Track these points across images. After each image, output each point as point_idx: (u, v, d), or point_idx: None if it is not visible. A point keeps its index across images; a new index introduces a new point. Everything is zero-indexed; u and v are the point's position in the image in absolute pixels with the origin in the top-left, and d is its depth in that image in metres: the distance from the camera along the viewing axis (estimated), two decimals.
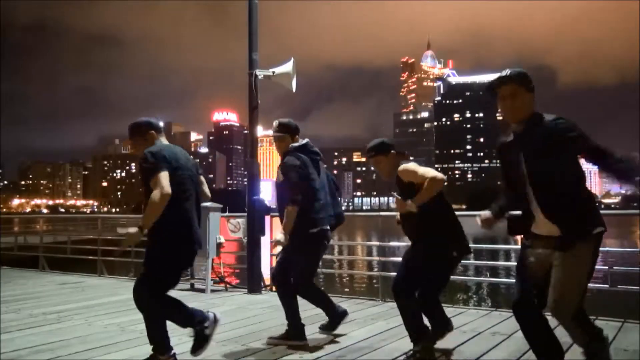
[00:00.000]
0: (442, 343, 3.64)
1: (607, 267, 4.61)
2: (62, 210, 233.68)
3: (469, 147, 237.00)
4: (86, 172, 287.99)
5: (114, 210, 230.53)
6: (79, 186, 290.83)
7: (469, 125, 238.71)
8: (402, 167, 3.27)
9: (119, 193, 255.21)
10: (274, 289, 6.45)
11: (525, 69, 2.54)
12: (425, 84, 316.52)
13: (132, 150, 3.16)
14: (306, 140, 3.82)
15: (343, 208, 4.32)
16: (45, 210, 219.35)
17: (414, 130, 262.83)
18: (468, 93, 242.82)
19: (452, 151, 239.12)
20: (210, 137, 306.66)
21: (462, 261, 3.51)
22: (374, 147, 3.42)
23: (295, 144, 3.74)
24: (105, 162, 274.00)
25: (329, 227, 3.77)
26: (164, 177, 2.80)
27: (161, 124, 3.26)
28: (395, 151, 3.40)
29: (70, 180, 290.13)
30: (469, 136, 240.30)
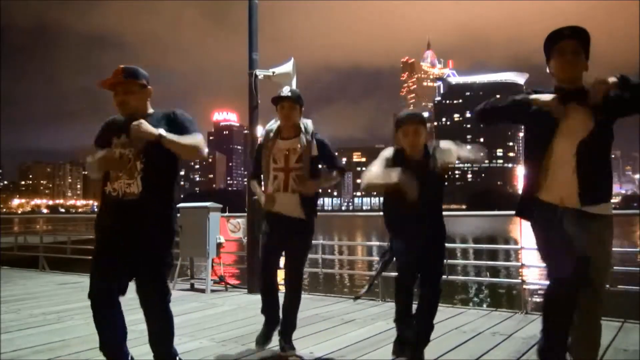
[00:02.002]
0: (442, 343, 3.64)
1: None
2: (62, 210, 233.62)
3: (469, 147, 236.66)
4: (86, 172, 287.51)
5: None
6: (79, 186, 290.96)
7: (469, 125, 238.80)
8: (441, 144, 3.09)
9: None
10: None
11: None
12: (425, 84, 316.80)
13: (121, 98, 2.56)
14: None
15: (343, 208, 4.29)
16: (45, 210, 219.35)
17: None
18: (468, 93, 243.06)
19: None
20: (210, 137, 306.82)
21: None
22: (420, 115, 3.14)
23: None
24: None
25: None
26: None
27: None
28: None
29: (70, 180, 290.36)
30: (469, 136, 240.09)
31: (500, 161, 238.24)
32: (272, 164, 3.37)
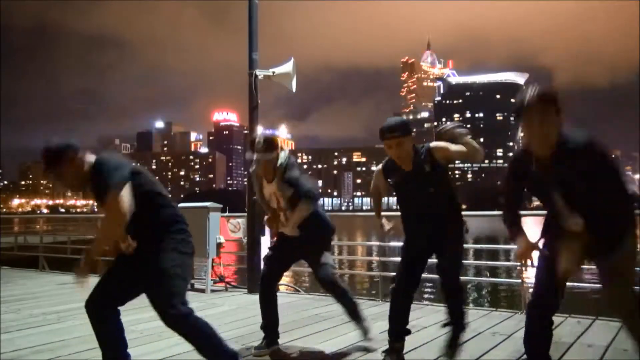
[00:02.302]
0: (442, 343, 3.64)
1: None
2: (62, 210, 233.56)
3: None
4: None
5: None
6: None
7: (469, 125, 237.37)
8: (433, 144, 3.01)
9: None
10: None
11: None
12: (425, 84, 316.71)
13: (60, 182, 2.61)
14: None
15: (343, 208, 4.33)
16: (45, 210, 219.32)
17: (414, 130, 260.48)
18: (468, 93, 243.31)
19: None
20: (210, 137, 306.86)
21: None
22: (400, 127, 2.93)
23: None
24: None
25: None
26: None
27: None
28: None
29: None
30: (468, 136, 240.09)
31: (501, 161, 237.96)
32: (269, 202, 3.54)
